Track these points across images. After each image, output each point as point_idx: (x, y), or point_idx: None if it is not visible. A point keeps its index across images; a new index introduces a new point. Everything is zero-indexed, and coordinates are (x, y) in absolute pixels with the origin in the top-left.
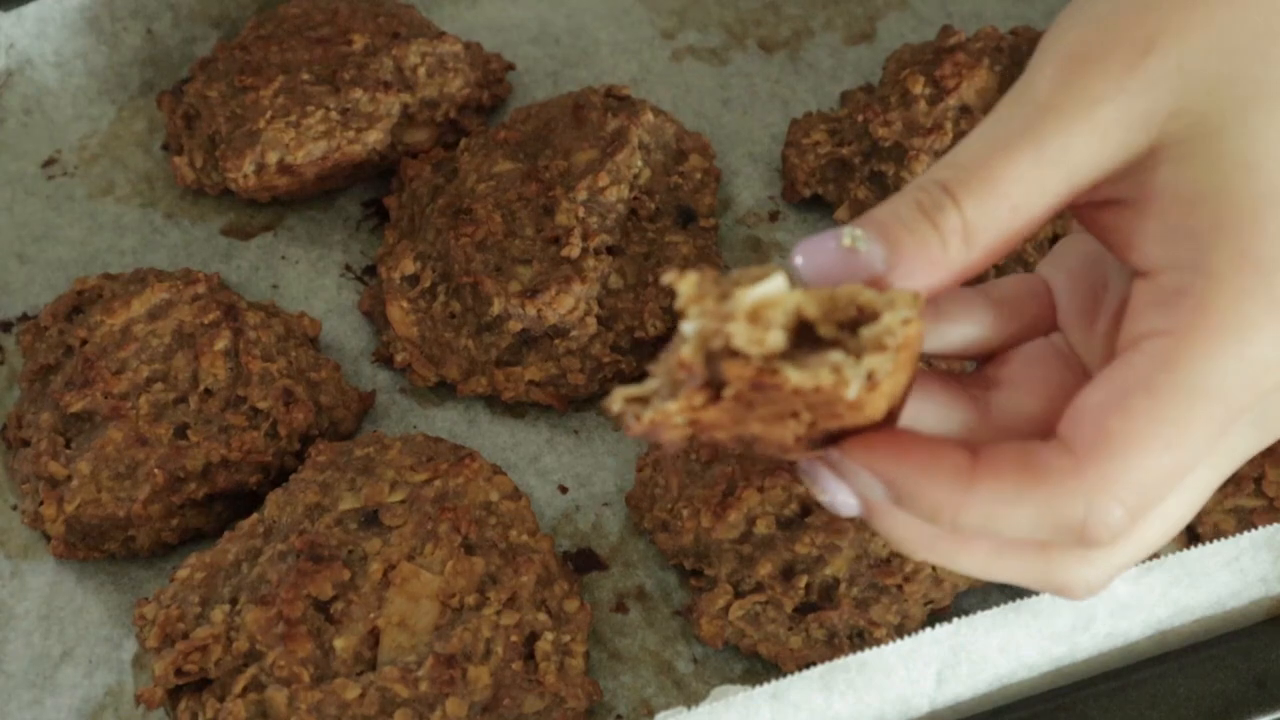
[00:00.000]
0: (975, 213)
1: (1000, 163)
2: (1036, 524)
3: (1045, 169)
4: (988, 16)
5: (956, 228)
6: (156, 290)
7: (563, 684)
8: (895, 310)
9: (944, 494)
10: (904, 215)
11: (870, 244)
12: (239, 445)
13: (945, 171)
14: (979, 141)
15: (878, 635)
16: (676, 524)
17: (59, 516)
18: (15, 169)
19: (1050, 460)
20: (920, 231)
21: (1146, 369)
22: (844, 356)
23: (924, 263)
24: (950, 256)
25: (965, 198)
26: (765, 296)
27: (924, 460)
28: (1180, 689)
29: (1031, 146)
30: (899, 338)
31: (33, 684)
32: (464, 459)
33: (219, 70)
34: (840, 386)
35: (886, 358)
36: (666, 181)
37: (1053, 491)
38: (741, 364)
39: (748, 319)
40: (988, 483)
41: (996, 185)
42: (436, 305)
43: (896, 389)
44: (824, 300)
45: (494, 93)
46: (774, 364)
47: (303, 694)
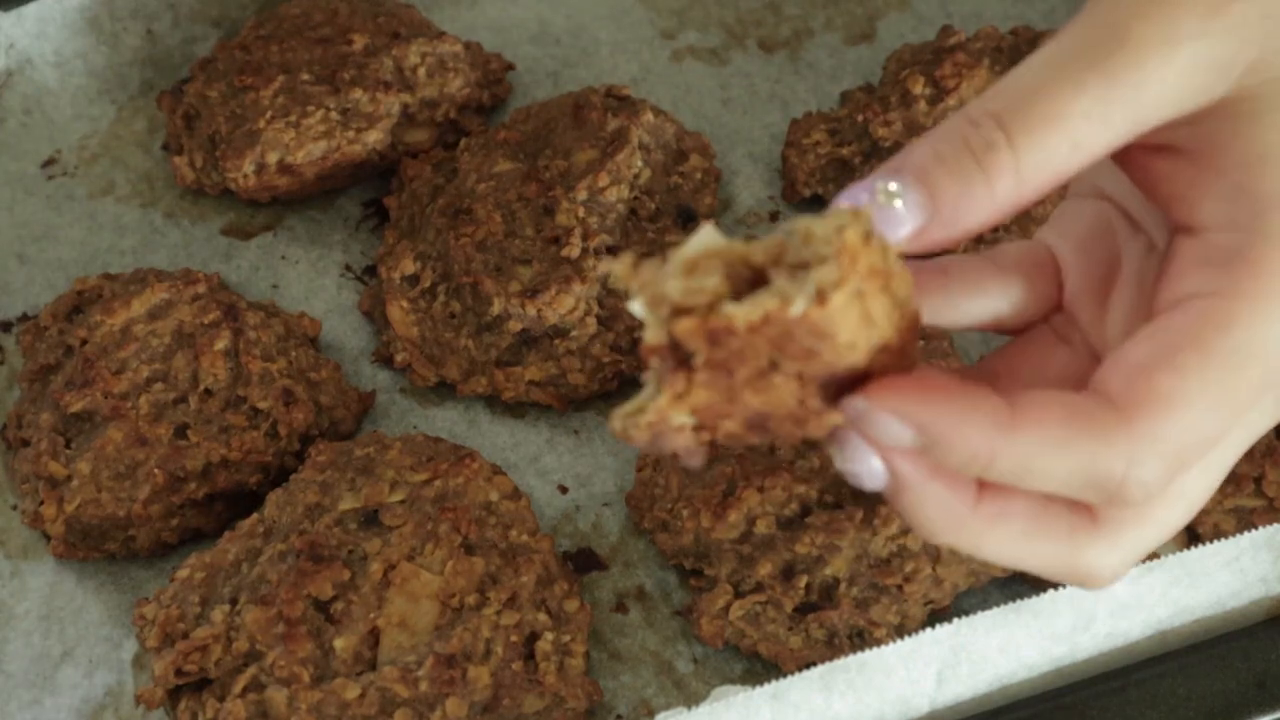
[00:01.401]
0: (1030, 149)
1: (1066, 94)
2: (1073, 475)
3: (1114, 105)
4: (988, 16)
5: (1008, 166)
6: (156, 290)
7: (563, 684)
8: (822, 224)
9: (982, 438)
10: (947, 155)
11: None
12: (239, 445)
13: (998, 101)
14: (1040, 68)
15: (878, 635)
16: (676, 524)
17: (59, 516)
18: (15, 169)
19: (1094, 411)
20: (965, 173)
21: (1197, 328)
22: (787, 280)
23: (967, 209)
24: (997, 199)
25: (1020, 133)
26: (695, 251)
27: (960, 402)
28: (1180, 689)
29: (1102, 78)
30: (834, 244)
31: (33, 684)
32: (464, 459)
33: (219, 70)
34: (786, 307)
35: (828, 268)
36: (666, 181)
37: (1096, 443)
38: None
39: (684, 275)
40: (1030, 428)
41: (1058, 119)
42: (436, 305)
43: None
44: (770, 246)
45: (494, 93)
46: (715, 307)
47: (303, 694)
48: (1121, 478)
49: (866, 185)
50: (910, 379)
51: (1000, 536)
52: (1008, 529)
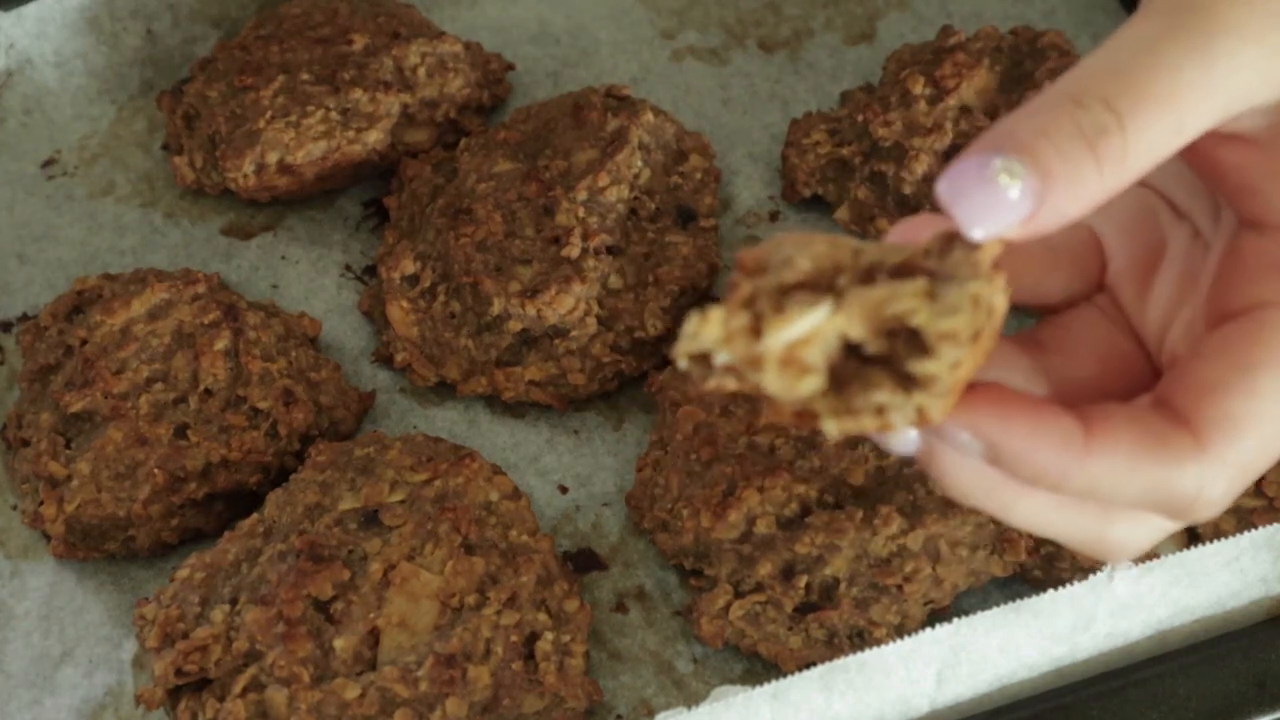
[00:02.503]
0: (1140, 133)
1: (1171, 76)
2: (1144, 496)
3: (1212, 87)
4: (988, 16)
5: (1118, 154)
6: (156, 290)
7: (563, 684)
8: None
9: (1055, 460)
10: (1058, 138)
11: (1025, 174)
12: (239, 445)
13: (1103, 78)
14: (1134, 50)
15: (878, 635)
16: (676, 524)
17: (59, 516)
18: (15, 169)
19: (1169, 434)
20: (1077, 157)
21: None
22: (889, 395)
23: (1076, 196)
24: (1106, 185)
25: (1131, 115)
26: (792, 338)
27: (1034, 425)
28: (1180, 689)
29: (1201, 62)
30: (947, 383)
31: (33, 684)
32: (464, 459)
33: (219, 70)
34: (885, 429)
35: (936, 401)
36: (666, 181)
37: (1171, 467)
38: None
39: (780, 365)
40: (1104, 453)
41: (1167, 103)
42: (436, 305)
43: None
44: (868, 314)
45: (494, 93)
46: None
47: (303, 694)
48: (1193, 500)
49: (980, 162)
50: (985, 396)
51: (1031, 504)
52: (1039, 498)
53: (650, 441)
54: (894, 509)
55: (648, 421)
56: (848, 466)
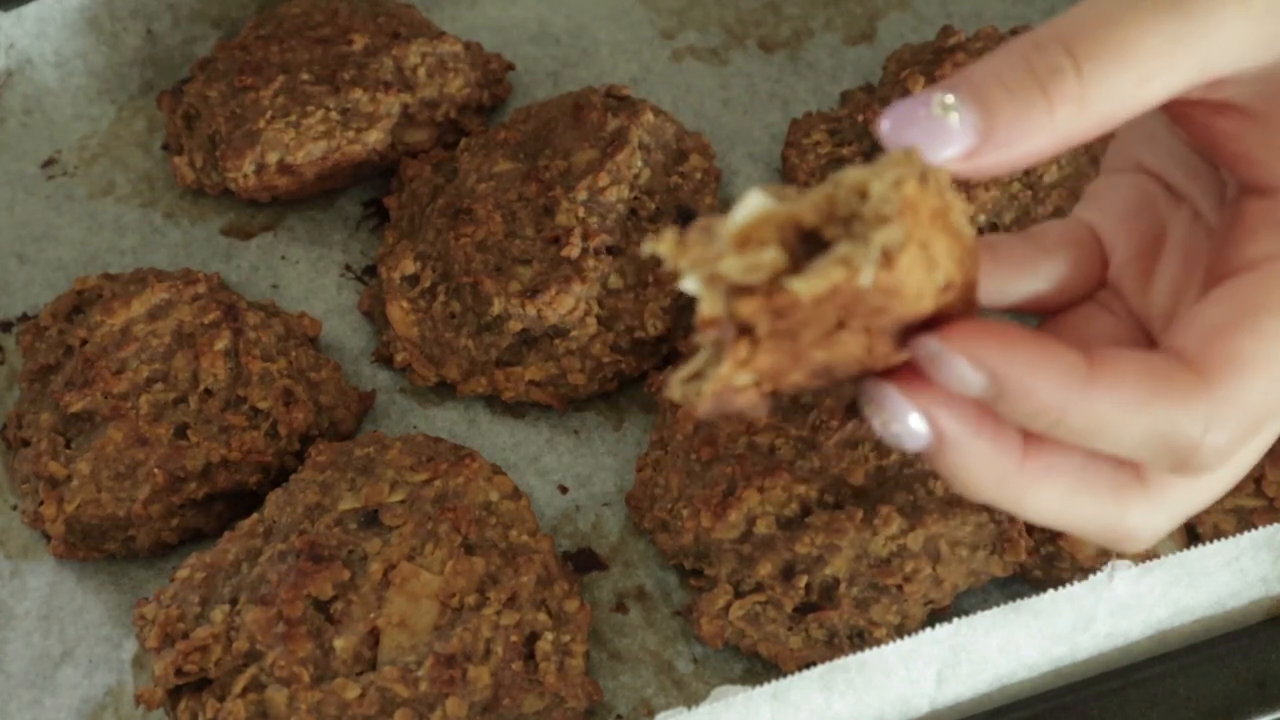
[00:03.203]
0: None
1: (1138, 26)
2: (1149, 438)
3: (1185, 45)
4: (988, 16)
5: (1072, 93)
6: (156, 290)
7: (563, 684)
8: (883, 175)
9: (1057, 392)
10: (1007, 77)
11: (964, 109)
12: (239, 445)
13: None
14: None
15: (878, 635)
16: (676, 524)
17: (59, 516)
18: (15, 169)
19: (1173, 373)
20: (1025, 95)
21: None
22: (851, 245)
23: (1023, 134)
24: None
25: (1088, 60)
26: (745, 219)
27: (1038, 353)
28: (1180, 689)
29: (1176, 17)
30: (895, 202)
31: (33, 684)
32: (464, 459)
33: (219, 70)
34: (854, 276)
35: (892, 228)
36: (666, 181)
37: (1175, 406)
38: (751, 298)
39: (736, 249)
40: (1107, 386)
41: (1129, 51)
42: (436, 305)
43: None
44: (819, 200)
45: (494, 93)
46: (779, 283)
47: (303, 694)
48: (1198, 442)
49: (920, 98)
50: (987, 325)
51: (1044, 494)
52: (1053, 486)
53: (650, 441)
54: (894, 509)
55: (648, 421)
56: (848, 466)
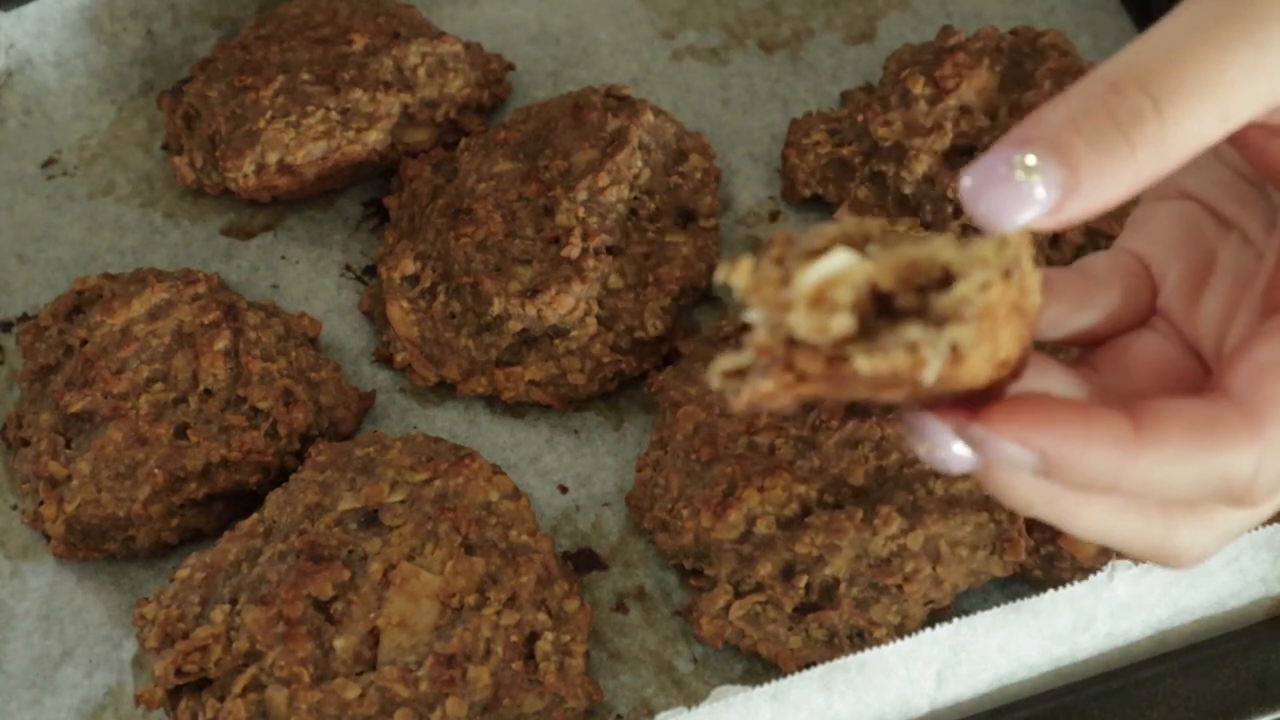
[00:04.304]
0: (1179, 119)
1: (1216, 62)
2: (1201, 483)
3: (1262, 75)
4: (988, 16)
5: (1154, 137)
6: (156, 290)
7: (563, 684)
8: (972, 274)
9: (1106, 460)
10: (1086, 126)
11: (1047, 169)
12: (239, 445)
13: (1141, 66)
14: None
15: (878, 635)
16: (676, 524)
17: (59, 516)
18: (15, 169)
19: (1219, 417)
20: (1108, 145)
21: None
22: (921, 331)
23: (1109, 183)
24: (1141, 172)
25: (1169, 101)
26: (824, 278)
27: (1082, 428)
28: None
29: (1252, 46)
30: (978, 306)
31: (33, 684)
32: (464, 459)
33: (219, 70)
34: (918, 367)
35: (967, 329)
36: (666, 181)
37: (1225, 451)
38: (810, 354)
39: (809, 305)
40: (1154, 446)
41: (1210, 87)
42: (436, 305)
43: (1002, 346)
44: (900, 265)
45: (494, 93)
46: (844, 350)
47: (303, 694)
48: (1250, 481)
49: (999, 159)
50: (1029, 405)
51: (1093, 512)
52: (1101, 505)
53: (650, 441)
54: (894, 509)
55: (648, 421)
56: (848, 466)
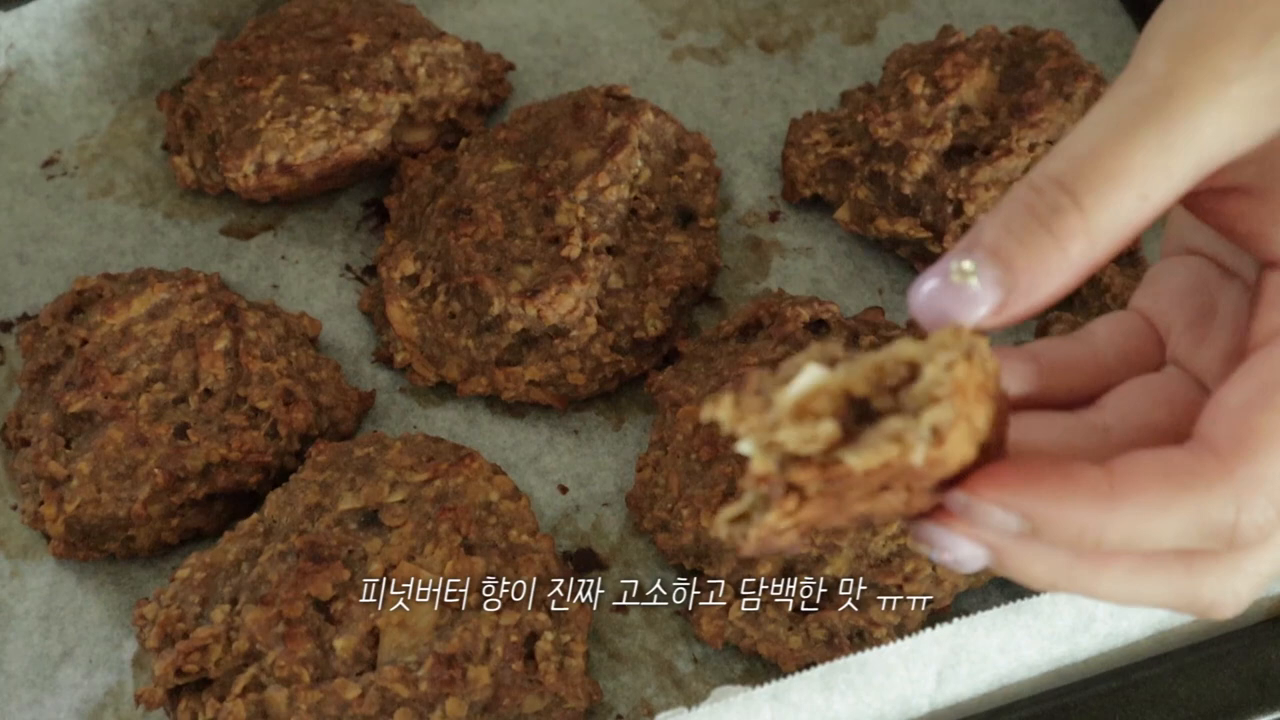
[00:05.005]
0: (1099, 209)
1: (1125, 149)
2: (1184, 532)
3: (1174, 152)
4: (988, 16)
5: (1077, 229)
6: (156, 290)
7: (563, 684)
8: (935, 358)
9: (1086, 516)
10: (1014, 226)
11: (983, 269)
12: (239, 445)
13: (1060, 164)
14: (1095, 128)
15: (878, 635)
16: (676, 524)
17: (59, 516)
18: (15, 169)
19: (1193, 464)
20: (1035, 241)
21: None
22: (902, 421)
23: (1044, 277)
24: (1072, 263)
25: (1086, 193)
26: (801, 392)
27: (1059, 485)
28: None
29: (1158, 128)
30: (948, 385)
31: (33, 684)
32: (464, 459)
33: (219, 70)
34: (906, 453)
35: (943, 408)
36: (666, 181)
37: (1201, 497)
38: (806, 467)
39: (794, 421)
40: (1131, 497)
41: (1122, 174)
42: (436, 305)
43: (980, 427)
44: (869, 370)
45: (494, 93)
46: (835, 455)
47: (303, 694)
48: (1233, 524)
49: (940, 269)
50: (1008, 467)
51: (1111, 578)
52: (1117, 569)
53: (650, 441)
54: None
55: (648, 421)
56: None
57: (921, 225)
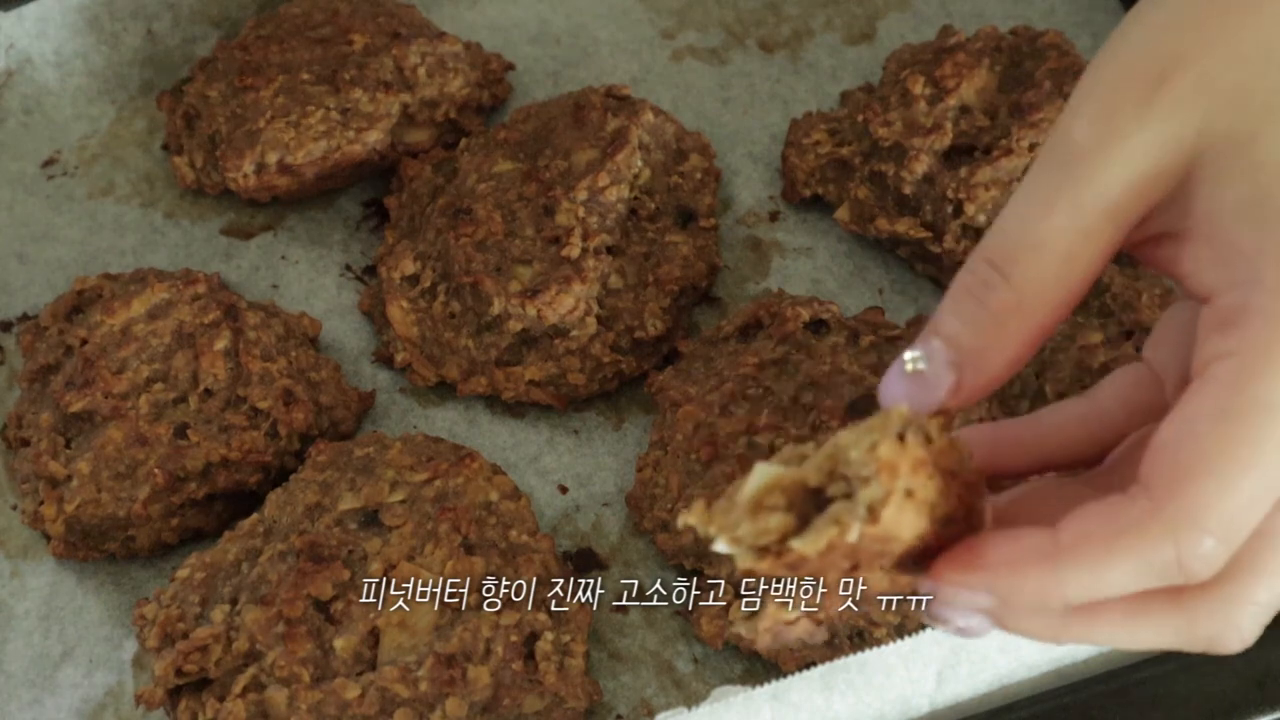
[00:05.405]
0: (1025, 279)
1: (1040, 221)
2: (1135, 576)
3: (1087, 215)
4: (988, 16)
5: (1009, 300)
6: (156, 290)
7: (563, 684)
8: (859, 441)
9: (1039, 580)
10: (958, 309)
11: (932, 353)
12: (239, 445)
13: (990, 241)
14: (1020, 203)
15: (878, 635)
16: (676, 524)
17: (59, 516)
18: (15, 169)
19: (1129, 510)
20: (974, 317)
21: (1214, 394)
22: (842, 505)
23: (989, 352)
24: (1011, 335)
25: (1012, 266)
26: (753, 490)
27: (1005, 556)
28: (1180, 689)
29: (1069, 196)
30: (871, 464)
31: (33, 684)
32: (464, 459)
33: (219, 70)
34: (844, 532)
35: (872, 487)
36: (666, 181)
37: (1138, 541)
38: (766, 561)
39: (751, 515)
40: (1074, 553)
41: (1040, 243)
42: (436, 305)
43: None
44: (820, 463)
45: (494, 93)
46: (785, 545)
47: (303, 694)
48: (1175, 560)
49: (900, 360)
50: (962, 548)
51: (1104, 627)
52: (1109, 616)
53: (650, 441)
54: None
55: (648, 421)
56: None
57: (921, 225)
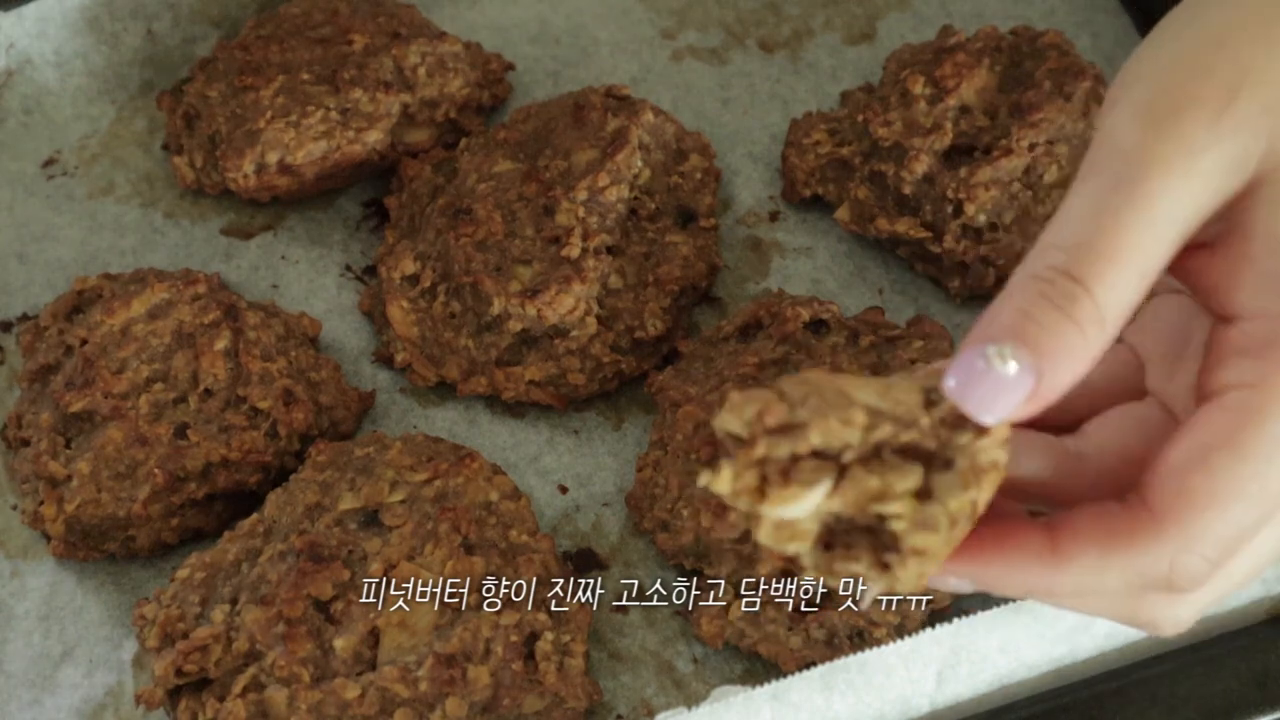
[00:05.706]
0: (1107, 292)
1: (1117, 233)
2: (1124, 584)
3: (1160, 227)
4: (988, 16)
5: (1093, 315)
6: (156, 290)
7: (563, 684)
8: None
9: (1032, 579)
10: (1039, 316)
11: (1019, 356)
12: (239, 445)
13: (1061, 255)
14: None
15: (878, 635)
16: (676, 524)
17: (59, 516)
18: (15, 169)
19: (1129, 523)
20: (1059, 328)
21: (1230, 424)
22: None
23: (1069, 363)
24: (1090, 345)
25: (1095, 281)
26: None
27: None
28: (1180, 689)
29: (1143, 209)
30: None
31: (33, 684)
32: (464, 459)
33: (219, 70)
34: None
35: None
36: (666, 181)
37: (1136, 554)
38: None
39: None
40: (1073, 559)
41: (1122, 258)
42: (436, 305)
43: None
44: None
45: (494, 93)
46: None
47: (303, 694)
48: (1166, 575)
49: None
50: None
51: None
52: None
53: (650, 441)
54: None
55: (648, 421)
56: None
57: (921, 225)
